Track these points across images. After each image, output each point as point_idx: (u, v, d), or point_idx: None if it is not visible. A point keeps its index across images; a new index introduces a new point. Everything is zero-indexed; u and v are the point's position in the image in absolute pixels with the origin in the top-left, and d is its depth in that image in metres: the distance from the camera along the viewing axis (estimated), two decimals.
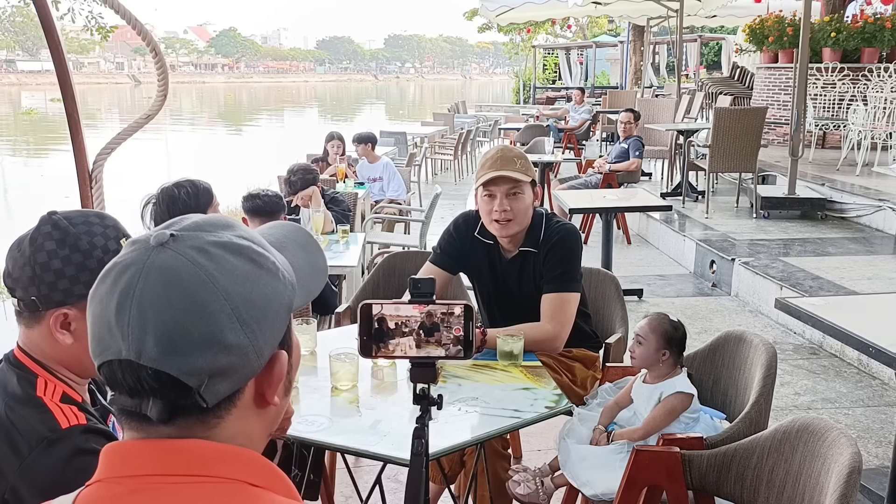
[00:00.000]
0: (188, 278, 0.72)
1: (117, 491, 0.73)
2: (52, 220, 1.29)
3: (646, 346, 2.28)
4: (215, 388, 0.73)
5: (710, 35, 21.46)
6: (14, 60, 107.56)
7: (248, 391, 0.77)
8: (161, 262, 0.72)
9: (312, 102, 60.25)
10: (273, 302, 0.77)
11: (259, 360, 0.75)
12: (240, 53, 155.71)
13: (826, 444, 1.66)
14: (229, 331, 0.72)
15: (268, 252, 0.79)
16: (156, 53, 2.08)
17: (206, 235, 0.76)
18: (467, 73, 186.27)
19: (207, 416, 0.74)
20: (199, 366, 0.71)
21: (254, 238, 0.79)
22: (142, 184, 4.36)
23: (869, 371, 4.03)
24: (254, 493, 0.75)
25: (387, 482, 2.53)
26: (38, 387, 1.25)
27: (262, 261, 0.77)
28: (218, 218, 0.81)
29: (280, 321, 0.78)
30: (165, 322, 0.71)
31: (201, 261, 0.73)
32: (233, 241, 0.76)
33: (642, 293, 5.44)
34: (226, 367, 0.73)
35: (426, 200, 6.98)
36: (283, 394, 0.82)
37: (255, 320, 0.74)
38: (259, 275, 0.76)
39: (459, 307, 1.20)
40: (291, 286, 0.80)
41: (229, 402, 0.75)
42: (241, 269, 0.74)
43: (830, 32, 9.51)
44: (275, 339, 0.78)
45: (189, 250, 0.73)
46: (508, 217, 2.45)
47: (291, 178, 4.46)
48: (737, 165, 6.94)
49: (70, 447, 1.19)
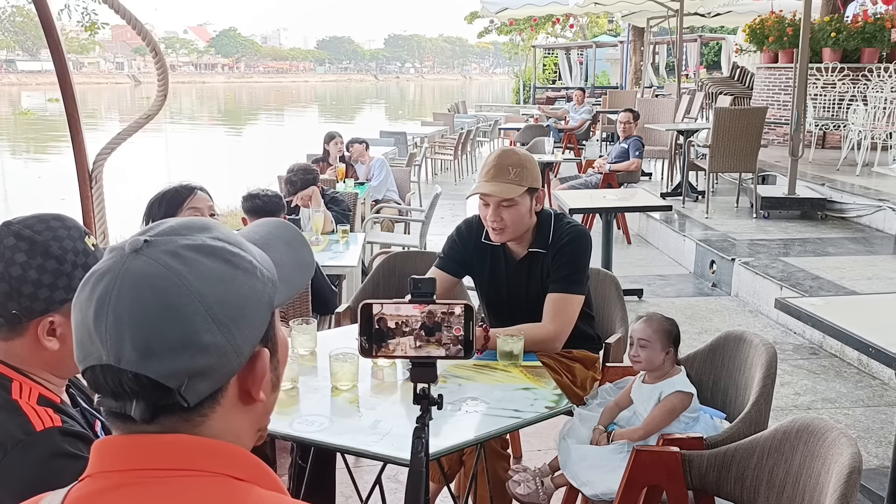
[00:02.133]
0: (161, 283, 0.73)
1: (106, 485, 0.75)
2: (13, 230, 1.27)
3: (651, 349, 2.27)
4: (196, 388, 0.75)
5: (710, 35, 21.46)
6: (14, 60, 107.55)
7: (232, 389, 0.79)
8: (135, 268, 0.74)
9: (312, 102, 60.23)
10: (250, 300, 0.78)
11: (239, 358, 0.77)
12: (240, 53, 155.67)
13: (826, 444, 1.66)
14: (205, 332, 0.74)
15: (244, 251, 0.80)
16: (156, 53, 2.08)
17: (180, 239, 0.77)
18: (467, 73, 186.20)
19: (191, 414, 0.76)
20: (178, 367, 0.73)
21: (230, 238, 0.81)
22: (142, 184, 4.36)
23: (869, 371, 4.03)
24: (238, 486, 0.76)
25: (387, 482, 2.53)
26: (12, 390, 1.24)
27: (238, 261, 0.78)
28: (194, 221, 0.82)
29: (259, 319, 0.79)
30: (141, 327, 0.73)
31: (174, 265, 0.74)
32: (206, 243, 0.78)
33: (642, 293, 5.44)
34: (205, 367, 0.74)
35: (426, 200, 6.98)
36: (269, 390, 0.83)
37: (232, 320, 0.75)
38: (234, 275, 0.77)
39: (460, 307, 1.20)
40: (272, 283, 0.81)
41: (213, 400, 0.77)
42: (214, 271, 0.76)
43: (830, 32, 9.51)
44: (255, 336, 0.79)
45: (162, 255, 0.75)
46: (501, 226, 2.45)
47: (291, 178, 4.46)
48: (737, 165, 6.94)
49: (45, 450, 1.18)
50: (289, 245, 0.90)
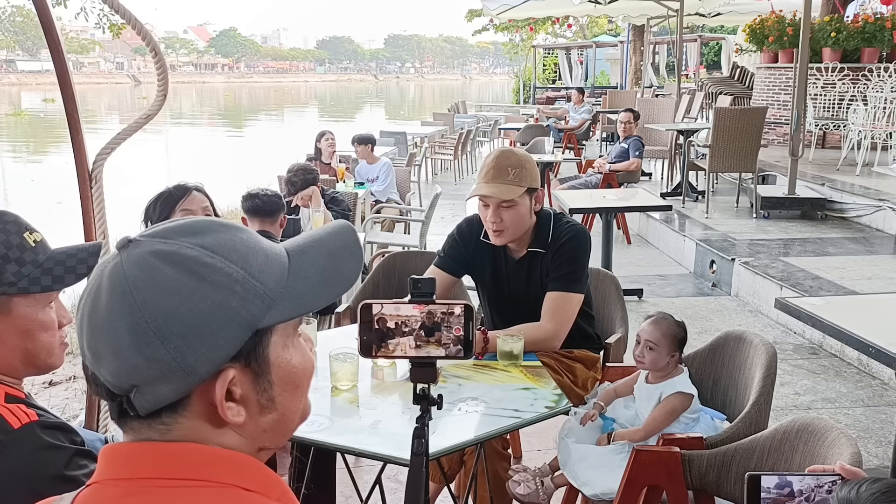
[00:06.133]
0: (115, 287, 0.73)
1: (114, 493, 0.74)
2: None
3: (658, 352, 2.27)
4: (143, 398, 0.73)
5: (710, 35, 21.46)
6: (14, 60, 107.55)
7: (196, 404, 0.75)
8: (108, 269, 0.75)
9: (312, 102, 60.23)
10: (212, 317, 0.72)
11: (190, 376, 0.72)
12: (240, 53, 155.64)
13: (826, 444, 1.66)
14: (145, 344, 0.71)
15: (226, 263, 0.75)
16: (156, 53, 2.08)
17: (158, 243, 0.75)
18: (467, 73, 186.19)
19: (152, 422, 0.75)
20: (120, 375, 0.73)
21: (216, 247, 0.75)
22: (143, 184, 4.37)
23: (869, 371, 4.03)
24: (247, 497, 0.75)
25: (387, 482, 2.53)
26: None
27: (207, 273, 0.73)
28: (192, 222, 0.78)
29: (225, 337, 0.73)
30: (92, 329, 0.74)
31: (133, 271, 0.73)
32: (179, 251, 0.74)
33: (642, 293, 5.44)
34: (148, 379, 0.72)
35: (426, 200, 6.98)
36: (257, 411, 0.78)
37: (180, 335, 0.71)
38: (196, 288, 0.72)
39: (459, 307, 1.20)
40: (260, 300, 0.75)
41: (173, 411, 0.74)
42: (171, 282, 0.72)
43: (830, 32, 9.51)
44: (217, 355, 0.73)
45: (131, 259, 0.74)
46: (500, 228, 2.45)
47: (292, 178, 4.46)
48: (737, 165, 6.94)
49: (28, 446, 1.18)
50: (331, 255, 0.83)
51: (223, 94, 73.11)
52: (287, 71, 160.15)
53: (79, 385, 3.99)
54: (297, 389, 0.82)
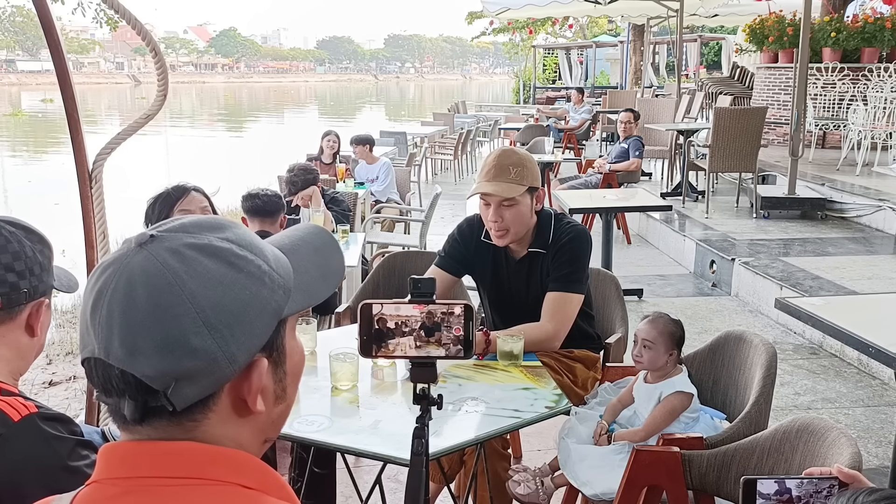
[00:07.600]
0: (155, 280, 0.72)
1: (113, 492, 0.74)
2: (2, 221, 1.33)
3: (655, 351, 2.27)
4: (183, 392, 0.72)
5: (710, 35, 21.46)
6: (14, 60, 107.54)
7: (226, 397, 0.76)
8: (135, 262, 0.73)
9: (312, 102, 60.23)
10: (251, 306, 0.74)
11: (232, 366, 0.73)
12: (240, 53, 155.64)
13: (826, 444, 1.66)
14: (194, 335, 0.71)
15: (254, 255, 0.77)
16: (156, 53, 2.08)
17: (186, 237, 0.75)
18: (467, 73, 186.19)
19: (181, 419, 0.74)
20: (163, 369, 0.71)
21: (241, 240, 0.77)
22: (143, 184, 4.37)
23: (869, 371, 4.03)
24: (247, 495, 0.75)
25: (387, 482, 2.53)
26: None
27: (243, 264, 0.75)
28: (207, 219, 0.79)
29: (260, 327, 0.76)
30: (130, 324, 0.71)
31: (172, 263, 0.72)
32: (212, 243, 0.75)
33: (642, 293, 5.44)
34: (192, 371, 0.72)
35: (426, 200, 6.98)
36: (272, 401, 0.80)
37: (226, 325, 0.72)
38: (235, 278, 0.74)
39: (459, 307, 1.20)
40: (283, 291, 0.78)
41: (204, 406, 0.74)
42: (213, 273, 0.73)
43: (830, 32, 9.51)
44: (253, 344, 0.75)
45: (162, 252, 0.73)
46: (502, 228, 2.45)
47: (292, 178, 4.46)
48: (737, 165, 6.94)
49: (30, 437, 1.19)
50: (318, 251, 0.86)
51: (223, 94, 73.10)
52: (287, 71, 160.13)
53: (79, 385, 3.99)
54: (298, 380, 0.85)
